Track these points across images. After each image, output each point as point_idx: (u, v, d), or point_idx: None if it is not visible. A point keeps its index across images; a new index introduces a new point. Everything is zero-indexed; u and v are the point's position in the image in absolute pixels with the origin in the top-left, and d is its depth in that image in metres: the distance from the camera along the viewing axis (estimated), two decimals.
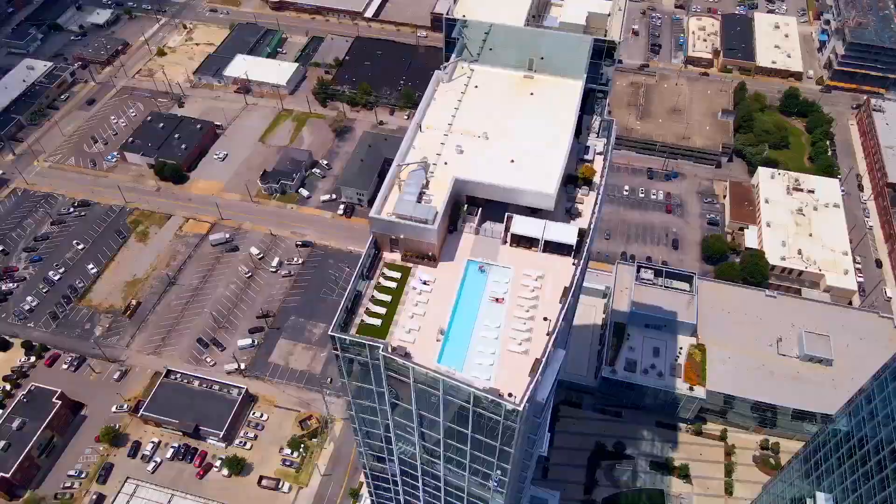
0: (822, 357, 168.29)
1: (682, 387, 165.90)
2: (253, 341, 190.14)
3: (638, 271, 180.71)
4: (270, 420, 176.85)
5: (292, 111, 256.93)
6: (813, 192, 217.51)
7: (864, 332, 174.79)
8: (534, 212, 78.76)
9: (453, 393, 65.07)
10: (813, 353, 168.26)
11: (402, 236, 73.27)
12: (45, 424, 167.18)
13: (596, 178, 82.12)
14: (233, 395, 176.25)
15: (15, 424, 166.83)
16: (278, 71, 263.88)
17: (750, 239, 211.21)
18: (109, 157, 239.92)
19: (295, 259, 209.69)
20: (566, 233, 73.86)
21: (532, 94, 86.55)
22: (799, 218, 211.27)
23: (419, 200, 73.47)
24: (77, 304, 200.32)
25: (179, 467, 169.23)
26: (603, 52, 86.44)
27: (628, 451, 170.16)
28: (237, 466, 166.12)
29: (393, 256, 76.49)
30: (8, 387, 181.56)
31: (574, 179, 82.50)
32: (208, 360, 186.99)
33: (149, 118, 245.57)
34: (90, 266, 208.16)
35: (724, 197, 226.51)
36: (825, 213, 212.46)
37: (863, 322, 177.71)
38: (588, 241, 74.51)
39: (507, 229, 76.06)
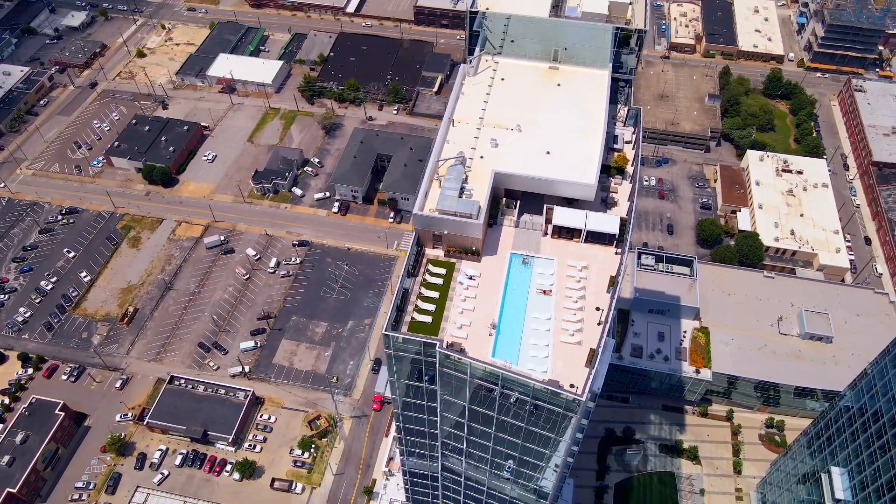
0: (823, 335, 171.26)
1: (688, 370, 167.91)
2: (255, 343, 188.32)
3: (639, 257, 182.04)
4: (278, 422, 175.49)
5: (279, 109, 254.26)
6: (801, 172, 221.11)
7: (861, 309, 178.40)
8: (569, 202, 79.08)
9: (512, 386, 65.14)
10: (813, 332, 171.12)
11: (445, 232, 73.04)
12: (49, 437, 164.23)
13: (628, 168, 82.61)
14: (239, 399, 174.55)
15: (18, 438, 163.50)
16: (263, 69, 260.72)
17: (743, 221, 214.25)
18: (95, 163, 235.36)
19: (293, 259, 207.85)
20: (609, 222, 74.27)
21: (559, 85, 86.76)
22: (789, 199, 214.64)
23: (460, 195, 73.23)
24: (72, 313, 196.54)
25: (189, 473, 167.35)
26: (628, 41, 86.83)
27: (637, 435, 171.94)
28: (248, 470, 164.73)
29: (435, 252, 76.13)
30: (7, 401, 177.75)
31: (607, 169, 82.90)
32: (211, 364, 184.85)
33: (133, 121, 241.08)
34: (83, 274, 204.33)
35: (715, 181, 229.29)
36: (814, 193, 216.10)
37: (859, 299, 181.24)
38: (630, 229, 74.97)
39: (548, 221, 76.18)
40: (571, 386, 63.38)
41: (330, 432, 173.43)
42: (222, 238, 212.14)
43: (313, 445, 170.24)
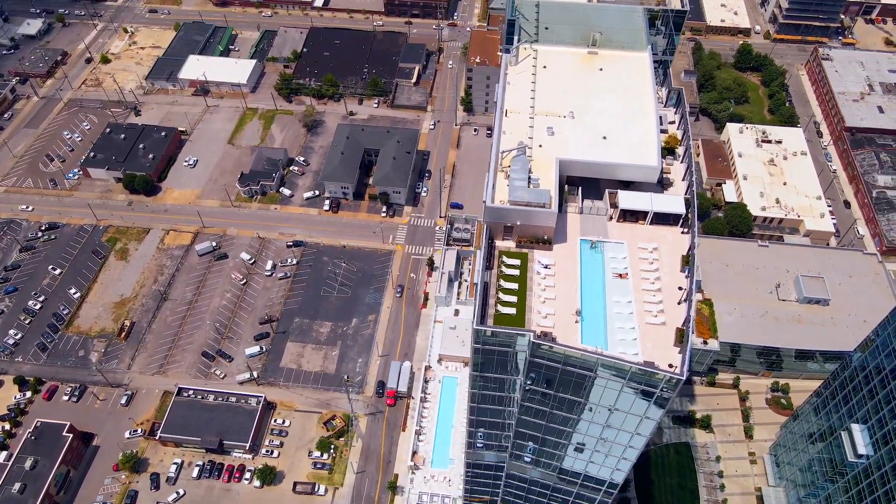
0: (820, 298, 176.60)
1: (695, 341, 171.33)
2: (261, 348, 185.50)
3: None
4: (293, 425, 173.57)
5: (257, 109, 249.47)
6: (780, 142, 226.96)
7: (853, 270, 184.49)
8: (625, 185, 79.83)
9: (608, 372, 65.74)
10: (811, 296, 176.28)
11: (518, 223, 73.03)
12: (59, 460, 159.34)
13: (678, 148, 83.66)
14: (252, 405, 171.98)
15: (27, 464, 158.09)
16: (236, 69, 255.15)
17: (729, 193, 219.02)
18: (70, 175, 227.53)
19: (289, 260, 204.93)
20: (675, 203, 75.33)
21: (601, 69, 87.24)
22: (771, 168, 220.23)
23: (528, 185, 73.27)
24: (65, 331, 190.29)
25: (208, 485, 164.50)
26: (669, 22, 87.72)
27: None
28: (269, 476, 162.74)
29: (506, 244, 76.11)
30: (8, 426, 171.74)
31: None
32: (217, 372, 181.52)
33: (107, 130, 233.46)
34: (72, 290, 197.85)
35: (698, 155, 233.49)
36: (794, 161, 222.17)
37: (850, 261, 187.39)
38: (694, 208, 76.14)
39: (612, 205, 76.80)
40: (670, 366, 64.32)
41: (346, 431, 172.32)
42: (214, 244, 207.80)
43: (332, 446, 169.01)
